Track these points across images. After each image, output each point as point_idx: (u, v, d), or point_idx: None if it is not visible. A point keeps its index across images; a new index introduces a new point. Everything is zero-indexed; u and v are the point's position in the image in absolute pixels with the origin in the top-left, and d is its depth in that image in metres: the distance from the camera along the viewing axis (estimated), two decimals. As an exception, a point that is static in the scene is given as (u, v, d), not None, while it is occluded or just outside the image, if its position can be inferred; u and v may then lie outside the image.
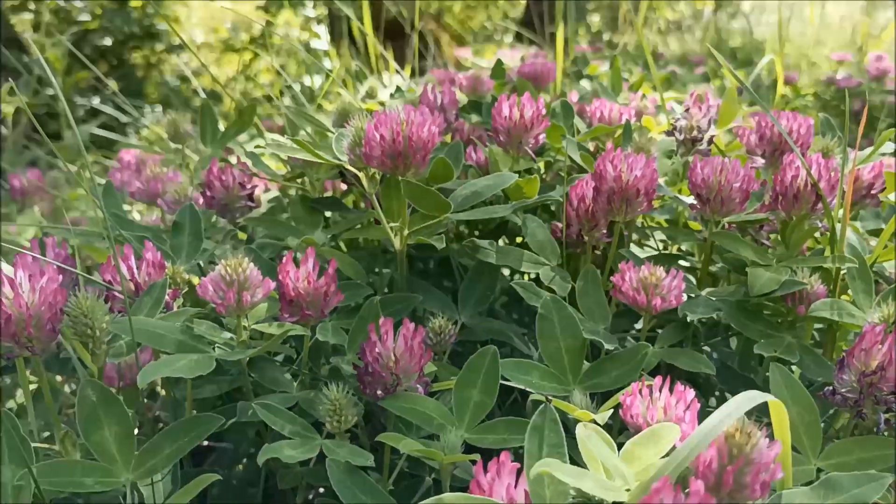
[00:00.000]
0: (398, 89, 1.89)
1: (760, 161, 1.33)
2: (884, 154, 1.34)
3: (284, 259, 1.00)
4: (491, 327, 1.21)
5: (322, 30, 6.16)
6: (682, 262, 1.36)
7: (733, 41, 7.33)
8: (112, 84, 5.50)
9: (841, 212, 1.14)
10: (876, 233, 1.46)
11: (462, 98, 1.77)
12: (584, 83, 2.66)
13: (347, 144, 1.12)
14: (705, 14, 6.74)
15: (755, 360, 1.24)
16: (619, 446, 0.76)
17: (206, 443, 1.22)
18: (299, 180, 1.43)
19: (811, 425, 0.93)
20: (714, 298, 1.12)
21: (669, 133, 1.47)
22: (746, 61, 3.58)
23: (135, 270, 0.99)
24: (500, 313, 1.47)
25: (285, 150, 1.15)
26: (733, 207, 1.12)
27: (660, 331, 1.15)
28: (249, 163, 1.38)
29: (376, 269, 1.41)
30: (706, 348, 1.28)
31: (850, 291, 1.09)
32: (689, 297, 1.12)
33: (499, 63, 1.97)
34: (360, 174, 1.12)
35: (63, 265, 0.96)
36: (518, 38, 6.14)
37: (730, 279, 1.26)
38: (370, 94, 1.80)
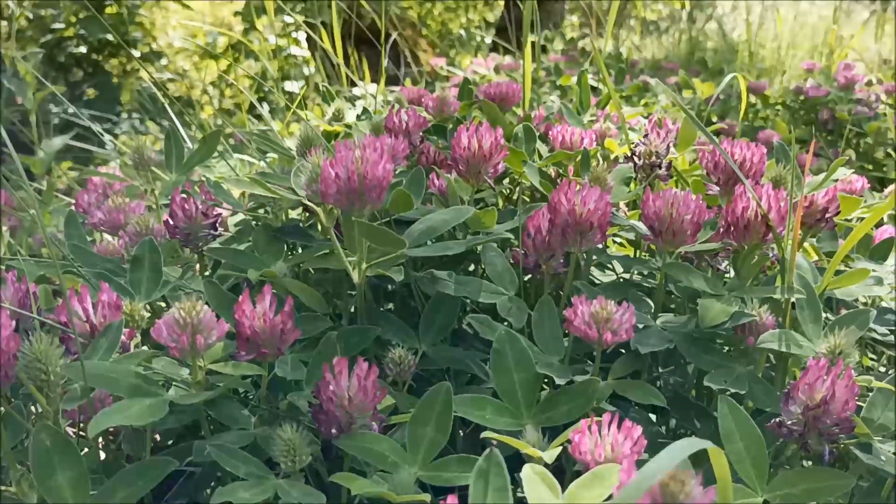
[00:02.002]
0: (365, 111, 1.90)
1: (715, 188, 1.35)
2: (836, 180, 1.37)
3: (241, 297, 1.01)
4: (451, 356, 1.23)
5: (301, 36, 6.16)
6: (646, 283, 1.39)
7: (710, 42, 7.39)
8: (88, 91, 5.48)
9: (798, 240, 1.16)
10: (833, 254, 1.49)
11: (431, 116, 1.79)
12: (554, 98, 2.69)
13: (305, 180, 1.13)
14: (684, 14, 6.78)
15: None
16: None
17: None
18: (262, 210, 1.44)
19: (758, 457, 0.95)
20: (667, 329, 1.14)
21: (628, 158, 1.50)
22: (718, 70, 3.62)
23: (91, 312, 0.99)
24: (466, 334, 1.49)
25: (243, 185, 1.16)
26: (685, 239, 1.15)
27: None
28: (212, 192, 1.39)
29: (343, 293, 1.42)
30: (664, 373, 1.30)
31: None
32: (642, 327, 1.15)
33: (465, 83, 1.98)
34: (318, 209, 1.13)
35: (18, 309, 0.97)
36: (496, 44, 6.18)
37: (686, 307, 1.28)
38: (336, 117, 1.80)
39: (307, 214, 1.63)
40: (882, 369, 1.64)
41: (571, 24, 11.02)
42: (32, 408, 1.10)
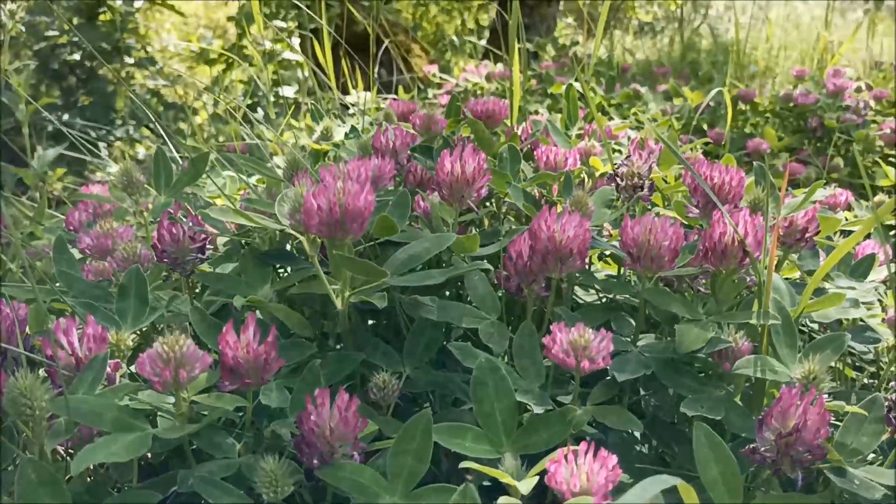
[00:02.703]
0: (353, 129, 1.92)
1: (695, 210, 1.37)
2: (814, 202, 1.39)
3: (225, 328, 1.02)
4: (434, 380, 1.25)
5: (295, 41, 6.17)
6: (629, 302, 1.41)
7: (704, 42, 7.41)
8: (83, 98, 5.48)
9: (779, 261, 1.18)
10: (814, 273, 1.51)
11: (419, 132, 1.81)
12: (543, 111, 2.71)
13: (288, 210, 1.15)
14: (680, 13, 6.80)
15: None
16: None
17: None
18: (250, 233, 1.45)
19: (732, 483, 0.97)
20: (646, 354, 1.16)
21: (611, 179, 1.51)
22: (708, 78, 3.64)
23: (76, 345, 1.01)
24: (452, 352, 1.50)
25: (227, 215, 1.17)
26: (663, 265, 1.16)
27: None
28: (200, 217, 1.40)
29: (330, 312, 1.43)
30: (645, 395, 1.32)
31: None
32: (621, 352, 1.16)
33: (453, 100, 2.00)
34: (302, 238, 1.15)
35: (6, 344, 0.98)
36: (488, 50, 6.20)
37: (665, 332, 1.30)
38: (325, 136, 1.82)
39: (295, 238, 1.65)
40: (867, 380, 1.66)
41: (567, 25, 11.05)
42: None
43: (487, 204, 1.68)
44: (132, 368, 1.18)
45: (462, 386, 1.25)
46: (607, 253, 1.59)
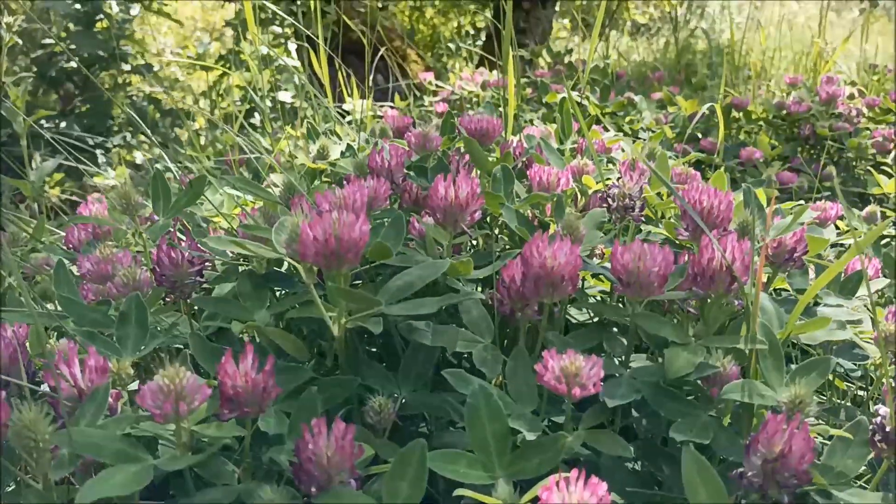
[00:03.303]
0: (349, 147, 1.94)
1: (685, 234, 1.39)
2: (802, 223, 1.41)
3: (224, 358, 1.05)
4: (429, 402, 1.27)
5: (292, 46, 6.18)
6: (621, 321, 1.43)
7: (700, 44, 7.43)
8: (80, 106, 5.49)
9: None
10: (804, 291, 1.53)
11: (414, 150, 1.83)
12: (538, 123, 2.73)
13: (285, 239, 1.17)
14: (677, 12, 6.83)
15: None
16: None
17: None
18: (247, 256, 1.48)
19: (720, 508, 0.99)
20: (636, 378, 1.18)
21: (603, 199, 1.54)
22: (702, 86, 3.67)
23: (78, 377, 1.03)
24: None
25: (225, 244, 1.20)
26: (652, 291, 1.19)
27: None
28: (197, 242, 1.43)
29: (327, 332, 1.46)
30: (637, 417, 1.34)
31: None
32: (612, 376, 1.19)
33: (448, 117, 2.02)
34: (299, 266, 1.17)
35: (7, 377, 1.01)
36: (483, 55, 6.22)
37: (656, 352, 1.32)
38: (321, 155, 1.84)
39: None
40: (858, 392, 1.69)
41: (563, 27, 11.07)
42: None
43: (484, 223, 1.71)
44: (134, 385, 1.21)
45: (457, 407, 1.27)
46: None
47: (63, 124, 5.03)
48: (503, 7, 2.29)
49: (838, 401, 1.60)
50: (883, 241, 2.55)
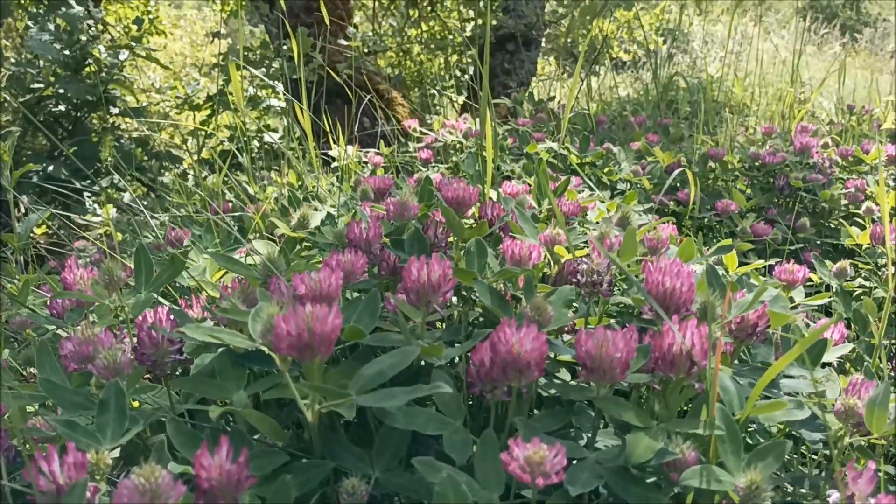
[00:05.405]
0: (329, 216, 1.99)
1: (649, 313, 1.44)
2: (763, 301, 1.46)
3: (199, 451, 1.08)
4: (402, 483, 1.30)
5: (279, 87, 6.26)
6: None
7: (682, 82, 7.55)
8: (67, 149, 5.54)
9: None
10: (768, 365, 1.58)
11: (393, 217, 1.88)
12: (518, 172, 2.79)
13: (260, 330, 1.22)
14: (654, 60, 6.94)
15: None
16: None
17: None
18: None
19: None
20: (601, 462, 1.22)
21: (571, 274, 1.59)
22: (678, 136, 3.75)
23: (57, 474, 1.07)
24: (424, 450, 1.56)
25: (202, 334, 1.24)
26: (615, 377, 1.23)
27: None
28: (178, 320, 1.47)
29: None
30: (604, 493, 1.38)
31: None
32: (576, 460, 1.23)
33: (427, 183, 2.07)
34: (275, 355, 1.21)
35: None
36: (470, 94, 6.30)
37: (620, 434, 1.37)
38: (302, 224, 1.89)
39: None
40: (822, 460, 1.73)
41: (548, 63, 11.21)
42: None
43: (460, 291, 1.75)
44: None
45: (430, 487, 1.31)
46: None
47: (51, 168, 5.07)
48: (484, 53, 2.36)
49: (802, 468, 1.64)
50: (855, 294, 2.62)
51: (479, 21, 6.72)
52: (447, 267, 1.42)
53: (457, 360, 1.58)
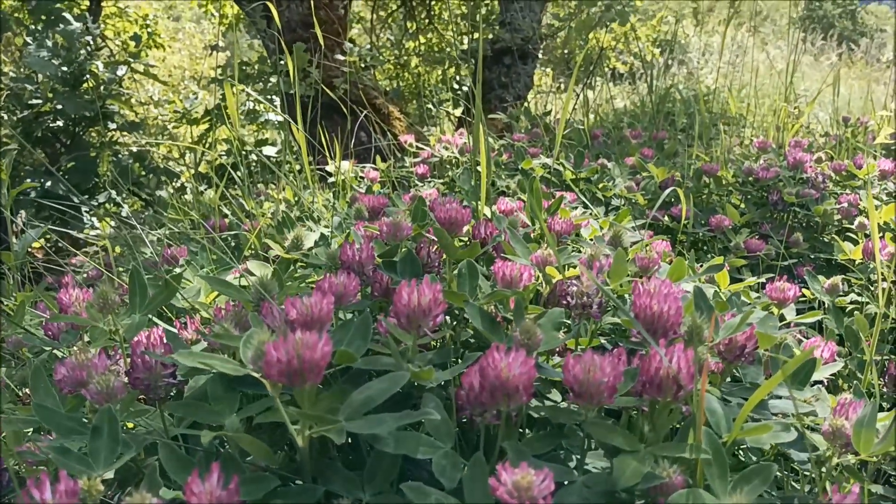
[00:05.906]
0: (322, 237, 2.01)
1: (638, 336, 1.46)
2: (750, 323, 1.48)
3: (190, 478, 1.09)
4: (392, 506, 1.32)
5: (276, 102, 6.28)
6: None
7: (677, 93, 7.59)
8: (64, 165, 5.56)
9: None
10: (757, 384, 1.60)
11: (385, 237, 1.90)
12: (513, 187, 2.81)
13: (251, 356, 1.23)
14: (650, 76, 6.98)
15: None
16: None
17: None
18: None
19: None
20: (589, 486, 1.23)
21: (563, 296, 1.60)
22: (672, 152, 3.77)
23: (49, 502, 1.08)
24: (416, 474, 1.58)
25: (192, 359, 1.25)
26: (603, 400, 1.25)
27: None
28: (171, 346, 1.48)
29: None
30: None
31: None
32: (564, 483, 1.24)
33: (420, 204, 2.09)
34: (265, 381, 1.23)
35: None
36: (464, 112, 6.33)
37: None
38: (295, 245, 1.91)
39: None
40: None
41: (545, 74, 11.27)
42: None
43: (452, 312, 1.77)
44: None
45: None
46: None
47: (49, 184, 5.09)
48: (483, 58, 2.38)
49: (795, 484, 1.65)
50: (848, 309, 2.63)
51: (476, 35, 6.76)
52: (437, 291, 1.43)
53: (445, 389, 1.59)
